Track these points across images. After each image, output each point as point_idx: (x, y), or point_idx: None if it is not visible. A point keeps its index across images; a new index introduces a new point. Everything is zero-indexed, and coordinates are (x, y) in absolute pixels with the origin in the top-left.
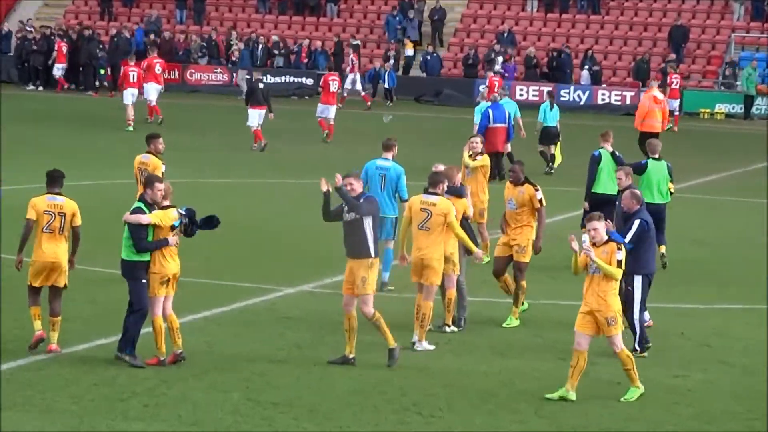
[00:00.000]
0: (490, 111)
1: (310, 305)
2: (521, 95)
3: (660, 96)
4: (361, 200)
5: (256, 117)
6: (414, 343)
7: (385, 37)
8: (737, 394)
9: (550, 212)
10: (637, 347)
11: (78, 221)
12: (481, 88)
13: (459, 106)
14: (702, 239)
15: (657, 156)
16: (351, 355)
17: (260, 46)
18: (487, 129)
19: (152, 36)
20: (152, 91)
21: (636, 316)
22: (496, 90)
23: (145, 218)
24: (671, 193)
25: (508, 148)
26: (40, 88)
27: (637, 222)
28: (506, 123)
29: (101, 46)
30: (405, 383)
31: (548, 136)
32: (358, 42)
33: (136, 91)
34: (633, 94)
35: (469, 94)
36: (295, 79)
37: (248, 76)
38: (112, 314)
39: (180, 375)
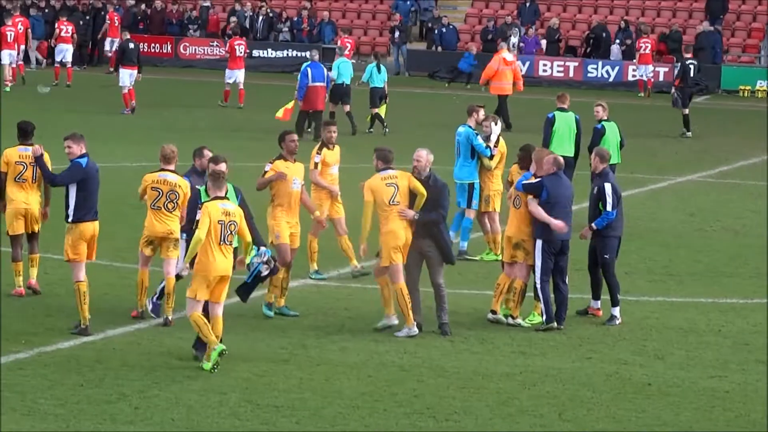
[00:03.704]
0: (309, 69)
1: (315, 300)
2: (544, 71)
3: (510, 57)
4: (69, 167)
5: (127, 77)
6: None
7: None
8: None
9: None
10: (544, 317)
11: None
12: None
13: (477, 82)
14: (741, 228)
15: (606, 117)
16: (84, 325)
17: (260, 18)
18: (307, 87)
19: (143, 6)
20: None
21: (537, 283)
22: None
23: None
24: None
25: (347, 108)
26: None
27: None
28: (325, 82)
29: (82, 20)
30: (418, 385)
31: (375, 97)
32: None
33: (13, 52)
34: (667, 69)
35: None
36: (299, 53)
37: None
38: (99, 309)
39: (173, 375)
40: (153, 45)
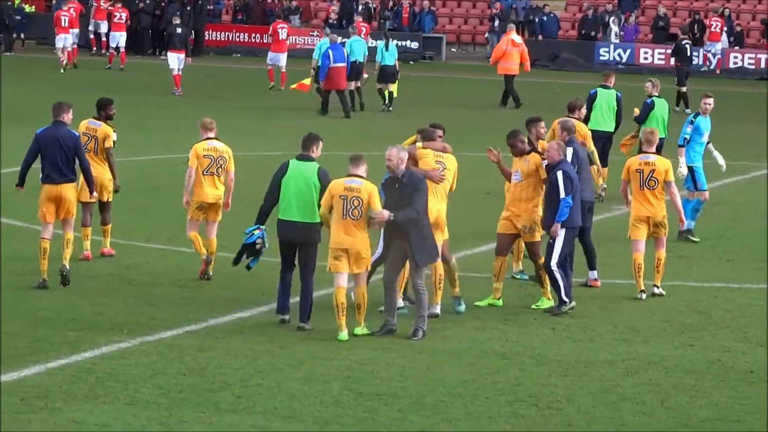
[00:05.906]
0: (330, 51)
1: None
2: (645, 59)
3: (518, 39)
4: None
5: (175, 60)
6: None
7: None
8: None
9: None
10: (565, 298)
11: (109, 144)
12: (350, 28)
13: (578, 70)
14: None
15: (657, 94)
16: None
17: (360, 7)
18: (329, 68)
19: None
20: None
21: (553, 266)
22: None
23: None
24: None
25: (353, 85)
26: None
27: (560, 173)
28: (346, 62)
29: (183, 9)
30: (520, 373)
31: (386, 75)
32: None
33: (67, 35)
34: (767, 56)
35: (588, 58)
36: (399, 42)
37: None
38: (201, 298)
39: (275, 364)
40: (253, 35)
